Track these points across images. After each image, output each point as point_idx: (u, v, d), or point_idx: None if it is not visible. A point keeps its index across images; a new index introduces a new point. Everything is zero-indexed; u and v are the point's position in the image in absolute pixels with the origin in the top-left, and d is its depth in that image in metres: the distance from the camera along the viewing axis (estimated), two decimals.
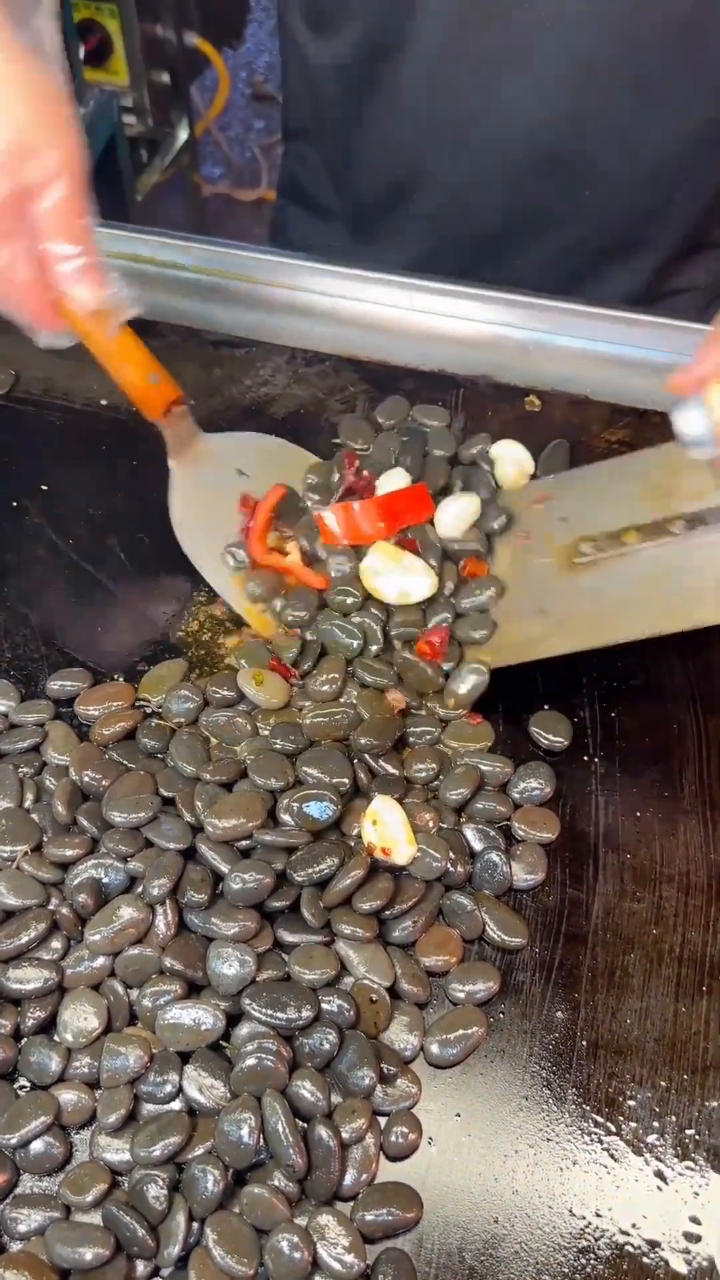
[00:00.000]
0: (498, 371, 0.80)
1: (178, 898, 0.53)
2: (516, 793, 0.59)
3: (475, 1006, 0.53)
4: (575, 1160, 0.49)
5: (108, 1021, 0.51)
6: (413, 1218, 0.47)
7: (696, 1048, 0.52)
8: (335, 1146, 0.47)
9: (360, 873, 0.53)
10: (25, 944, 0.52)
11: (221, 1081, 0.49)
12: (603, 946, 0.55)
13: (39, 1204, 0.47)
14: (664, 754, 0.61)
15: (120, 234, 0.86)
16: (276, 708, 0.60)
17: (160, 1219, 0.46)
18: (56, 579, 0.68)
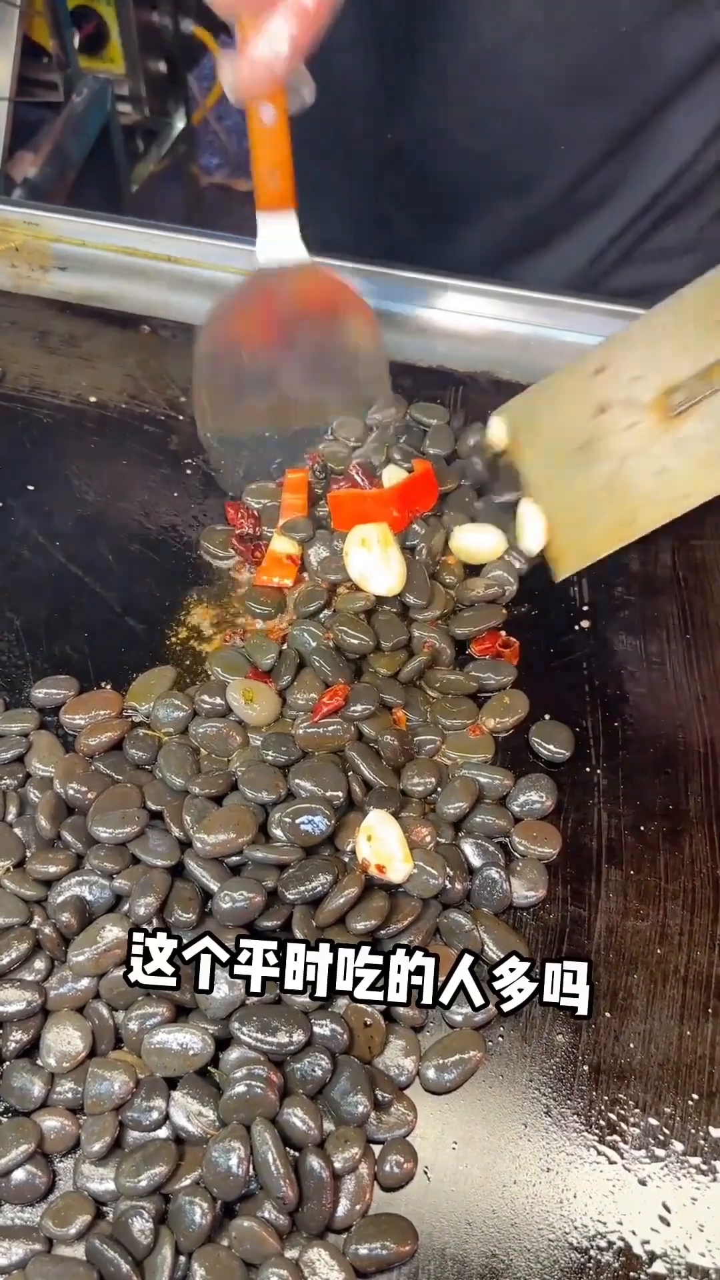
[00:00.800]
0: (497, 368, 0.78)
1: (165, 916, 0.51)
2: (517, 806, 0.57)
3: (473, 1030, 0.51)
4: (576, 1191, 0.47)
5: (92, 1045, 0.49)
6: (408, 1251, 0.45)
7: (702, 1072, 0.50)
8: (327, 1177, 0.45)
9: (354, 891, 0.51)
10: (7, 964, 0.50)
11: (210, 1109, 0.47)
12: (605, 966, 0.53)
13: (20, 1236, 0.45)
14: (668, 766, 0.60)
15: (112, 226, 0.84)
16: (266, 722, 0.58)
17: (146, 1253, 0.44)
18: (43, 583, 0.66)
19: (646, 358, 0.65)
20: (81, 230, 0.84)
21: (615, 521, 0.63)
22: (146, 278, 0.83)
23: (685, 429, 0.63)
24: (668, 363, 0.65)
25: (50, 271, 0.83)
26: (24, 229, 0.85)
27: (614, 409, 0.65)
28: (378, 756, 0.57)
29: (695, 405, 0.63)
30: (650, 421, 0.64)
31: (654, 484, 0.63)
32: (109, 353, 0.77)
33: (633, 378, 0.65)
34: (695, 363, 0.63)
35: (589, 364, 0.67)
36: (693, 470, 0.62)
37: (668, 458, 0.63)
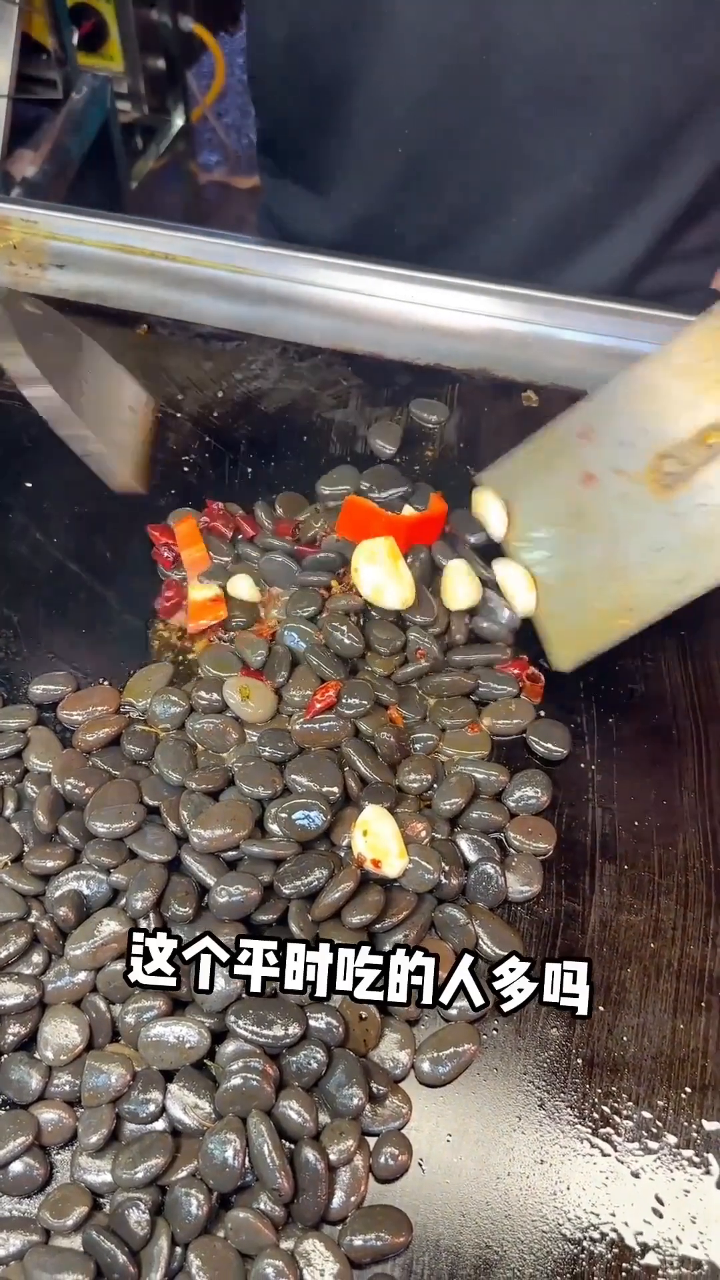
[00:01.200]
0: (495, 365, 0.78)
1: (162, 911, 0.51)
2: (512, 801, 0.57)
3: (468, 1024, 0.51)
4: (570, 1183, 0.48)
5: (89, 1038, 0.49)
6: (402, 1242, 0.46)
7: (695, 1065, 0.51)
8: (323, 1169, 0.46)
9: (350, 885, 0.51)
10: (4, 958, 0.51)
11: (206, 1101, 0.47)
12: (599, 961, 0.53)
13: (17, 1227, 0.46)
14: (663, 762, 0.60)
15: (110, 224, 0.84)
16: (263, 720, 0.59)
17: (142, 1244, 0.45)
18: (40, 580, 0.66)
19: (633, 421, 0.60)
20: (79, 228, 0.85)
21: (615, 607, 0.58)
22: (145, 276, 0.83)
23: (681, 500, 0.58)
24: (657, 426, 0.59)
25: (48, 269, 0.83)
26: (22, 227, 0.85)
27: (603, 477, 0.61)
28: (374, 752, 0.57)
29: (690, 475, 0.58)
30: (643, 492, 0.59)
31: (651, 563, 0.58)
32: (108, 350, 0.77)
33: (620, 443, 0.61)
34: (688, 425, 0.58)
35: (573, 426, 0.63)
36: (692, 548, 0.57)
37: (665, 532, 0.58)
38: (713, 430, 0.58)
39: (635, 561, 0.59)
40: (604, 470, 0.61)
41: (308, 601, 0.62)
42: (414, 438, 0.74)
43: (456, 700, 0.61)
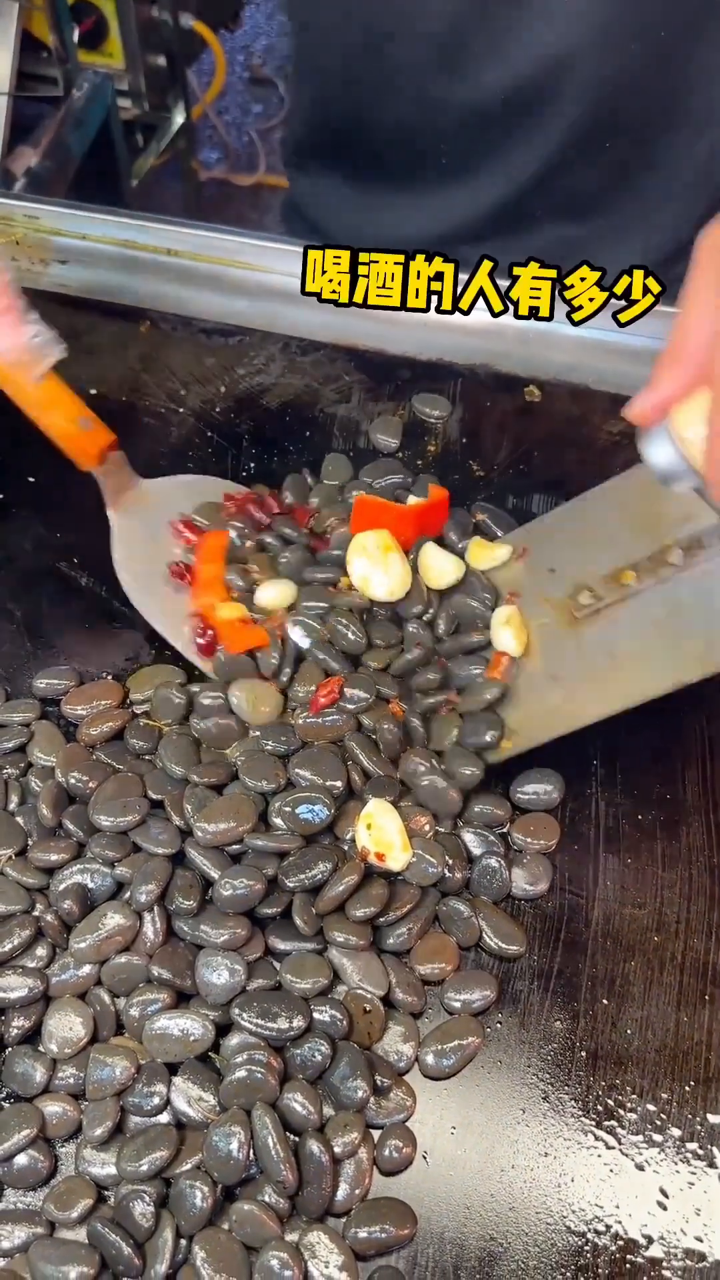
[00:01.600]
0: (497, 360, 0.78)
1: (166, 904, 0.51)
2: (524, 796, 0.57)
3: (471, 1016, 0.51)
4: (574, 1175, 0.48)
5: (94, 1031, 0.49)
6: (407, 1234, 0.46)
7: (699, 1058, 0.51)
8: (327, 1161, 0.46)
9: (354, 878, 0.51)
10: (9, 951, 0.51)
11: (210, 1094, 0.47)
12: (603, 954, 0.53)
13: (22, 1220, 0.46)
14: (665, 756, 0.60)
15: (113, 220, 0.84)
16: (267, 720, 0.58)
17: (147, 1236, 0.45)
18: (44, 574, 0.66)
19: (565, 550, 0.61)
20: (82, 224, 0.85)
21: (546, 708, 0.58)
22: (147, 271, 0.83)
23: (588, 635, 0.58)
24: (583, 558, 0.59)
25: (51, 265, 0.83)
26: (24, 222, 0.85)
27: (527, 596, 0.61)
28: (376, 746, 0.57)
29: (600, 611, 0.58)
30: (554, 622, 0.59)
31: (544, 693, 0.58)
32: (110, 346, 0.77)
33: (549, 569, 0.61)
34: (609, 561, 0.58)
35: (514, 545, 0.64)
36: (582, 687, 0.57)
37: (565, 664, 0.58)
38: (629, 570, 0.57)
39: (529, 689, 0.59)
40: (530, 591, 0.61)
41: (316, 598, 0.62)
42: (416, 433, 0.74)
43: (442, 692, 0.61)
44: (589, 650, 0.58)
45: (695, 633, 0.55)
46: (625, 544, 0.58)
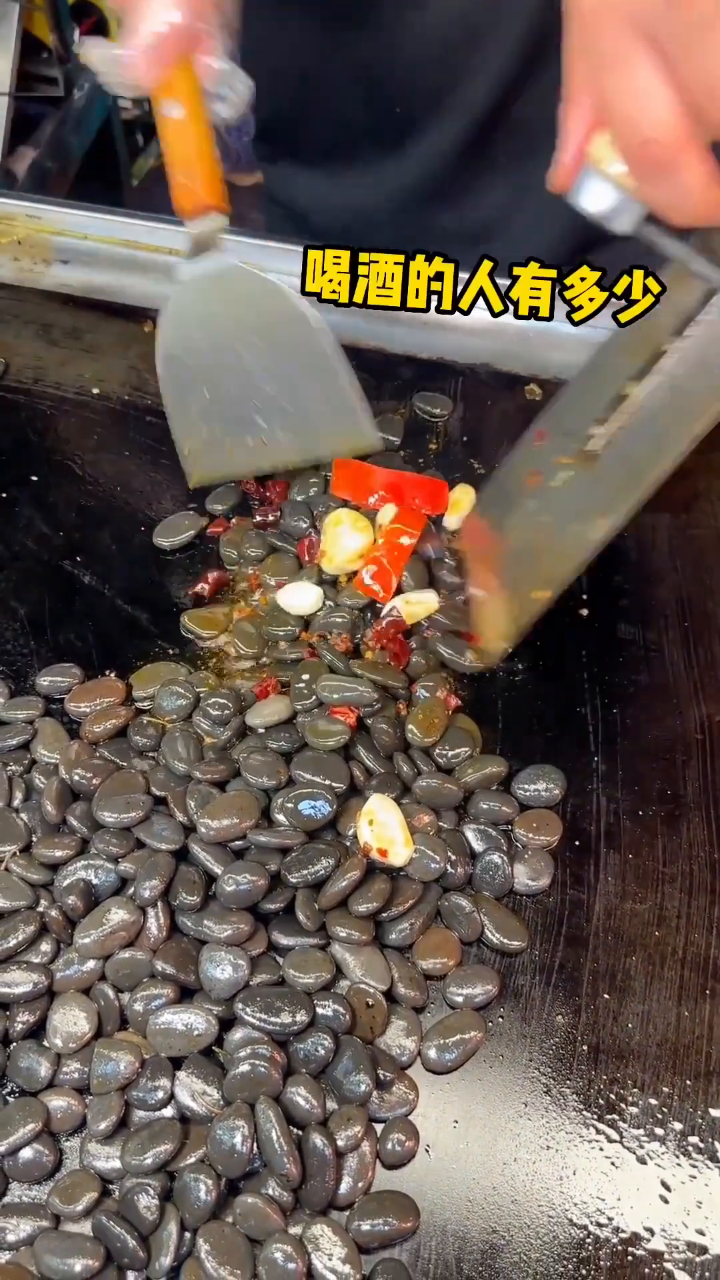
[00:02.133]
0: (498, 359, 0.78)
1: (169, 900, 0.52)
2: (525, 793, 0.58)
3: (474, 1011, 0.52)
4: (576, 1168, 0.48)
5: (98, 1026, 0.50)
6: (409, 1227, 0.46)
7: (700, 1052, 0.51)
8: (330, 1154, 0.46)
9: (356, 874, 0.51)
10: (13, 947, 0.51)
11: (214, 1088, 0.48)
12: (604, 949, 0.54)
13: (28, 1213, 0.46)
14: (666, 751, 0.60)
15: (114, 220, 0.85)
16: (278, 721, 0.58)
17: (151, 1229, 0.45)
18: (47, 572, 0.67)
19: (576, 407, 0.62)
20: (83, 223, 0.85)
21: (536, 584, 0.60)
22: (148, 270, 0.83)
23: (604, 460, 0.59)
24: (594, 403, 0.60)
25: (53, 265, 0.83)
26: (26, 222, 0.85)
27: (545, 472, 0.62)
28: (376, 745, 0.57)
29: (614, 435, 0.59)
30: (576, 471, 0.60)
31: (571, 528, 0.60)
32: (111, 345, 0.77)
33: (565, 433, 0.62)
34: (613, 390, 0.59)
35: (530, 435, 0.65)
36: (610, 491, 0.58)
37: (590, 498, 0.59)
38: (630, 382, 0.58)
39: (559, 534, 0.60)
40: (545, 465, 0.62)
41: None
42: (418, 431, 0.74)
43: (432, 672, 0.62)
44: (616, 462, 0.58)
45: (707, 388, 0.56)
46: (626, 370, 0.58)
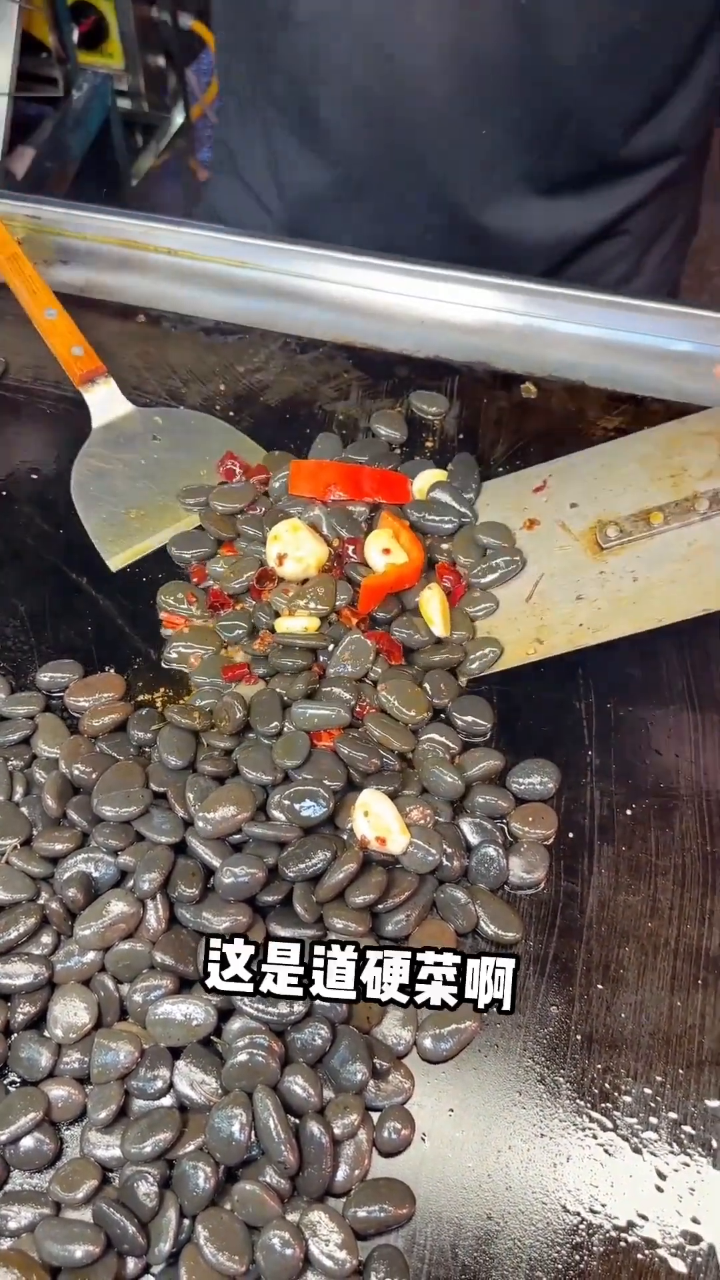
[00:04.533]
0: (494, 358, 0.79)
1: (168, 892, 0.52)
2: (518, 787, 0.58)
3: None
4: (570, 1156, 0.49)
5: (98, 1017, 0.50)
6: (405, 1214, 0.47)
7: (692, 1042, 0.52)
8: (327, 1142, 0.47)
9: (353, 867, 0.52)
10: (14, 939, 0.51)
11: (213, 1077, 0.48)
12: (597, 940, 0.54)
13: (29, 1201, 0.47)
14: (659, 745, 0.61)
15: (113, 219, 0.85)
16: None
17: (151, 1216, 0.46)
18: (47, 569, 0.67)
19: (588, 488, 0.68)
20: (83, 223, 0.85)
21: (528, 636, 0.63)
22: (148, 270, 0.83)
23: (611, 564, 0.65)
24: (607, 498, 0.67)
25: (52, 264, 0.84)
26: (25, 222, 0.86)
27: (545, 525, 0.67)
28: (369, 744, 0.58)
29: (626, 543, 0.65)
30: (579, 549, 0.66)
31: (571, 609, 0.64)
32: (111, 344, 0.78)
33: (571, 503, 0.68)
34: (634, 504, 0.66)
35: (530, 480, 0.70)
36: (610, 606, 0.64)
37: (589, 587, 0.64)
38: (658, 512, 0.65)
39: (556, 602, 0.65)
40: (548, 520, 0.68)
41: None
42: (414, 429, 0.74)
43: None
44: (614, 576, 0.65)
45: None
46: (649, 490, 0.66)
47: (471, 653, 0.63)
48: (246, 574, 0.64)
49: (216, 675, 0.61)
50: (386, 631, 0.62)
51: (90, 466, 0.71)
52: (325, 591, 0.62)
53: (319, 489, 0.67)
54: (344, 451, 0.71)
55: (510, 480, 0.70)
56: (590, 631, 0.63)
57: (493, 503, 0.69)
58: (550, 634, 0.63)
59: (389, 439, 0.73)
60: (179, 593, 0.65)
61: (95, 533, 0.68)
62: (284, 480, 0.69)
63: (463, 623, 0.64)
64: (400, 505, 0.68)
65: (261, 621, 0.63)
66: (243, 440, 0.73)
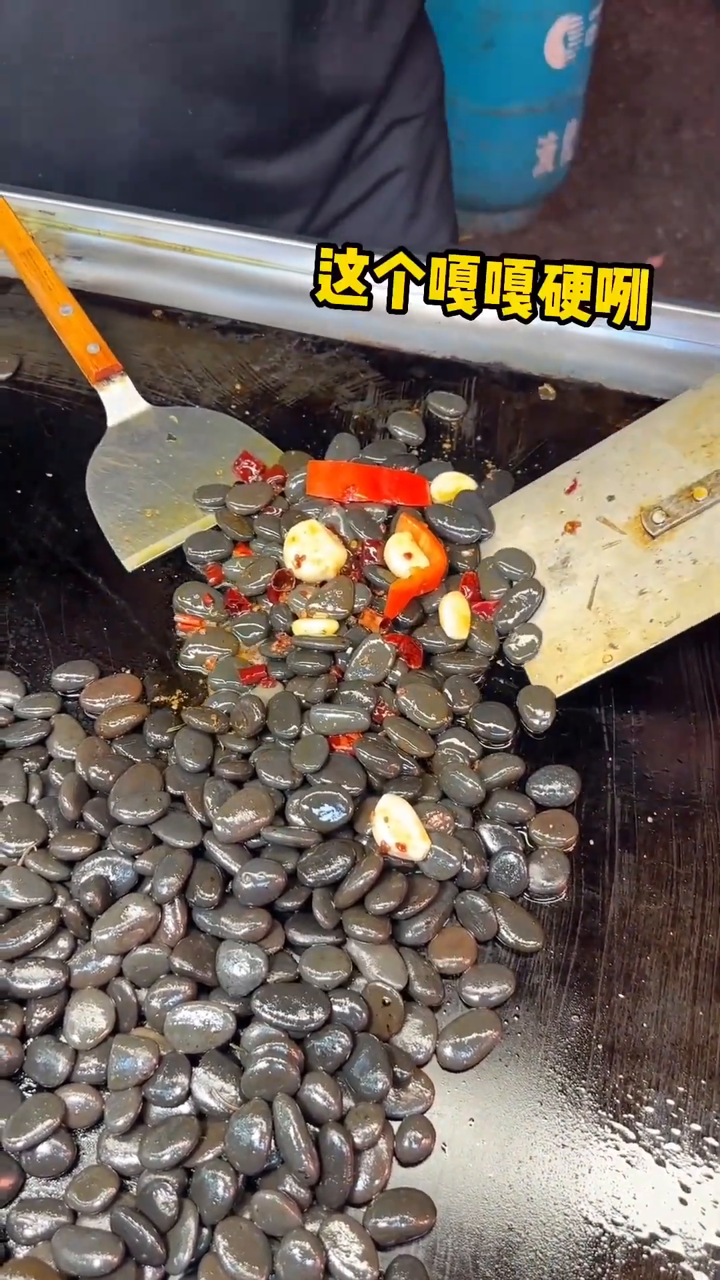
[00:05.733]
0: (511, 359, 0.78)
1: (187, 897, 0.52)
2: (539, 793, 0.58)
3: (489, 1009, 0.52)
4: (591, 1167, 0.48)
5: (115, 1022, 0.50)
6: (426, 1225, 0.46)
7: (715, 1052, 0.51)
8: (347, 1152, 0.46)
9: (373, 873, 0.52)
10: (31, 943, 0.51)
11: (232, 1085, 0.48)
12: (619, 949, 0.54)
13: (46, 1208, 0.46)
14: (680, 752, 0.60)
15: (128, 216, 0.85)
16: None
17: (170, 1225, 0.45)
18: (62, 569, 0.67)
19: (620, 478, 0.65)
20: (96, 220, 0.85)
21: (599, 643, 0.61)
22: (162, 267, 0.83)
23: (666, 550, 0.62)
24: (644, 484, 0.64)
25: (65, 260, 0.83)
26: (39, 218, 0.85)
27: (587, 525, 0.65)
28: (389, 748, 0.57)
29: (675, 526, 0.62)
30: (628, 541, 0.63)
31: (635, 605, 0.61)
32: (125, 341, 0.77)
33: (608, 496, 0.65)
34: (672, 483, 0.63)
35: (560, 481, 0.67)
36: (676, 593, 0.61)
37: (649, 579, 0.62)
38: (700, 486, 0.62)
39: (620, 603, 0.62)
40: (589, 520, 0.65)
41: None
42: (432, 430, 0.74)
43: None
44: (672, 562, 0.61)
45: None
46: (685, 466, 0.63)
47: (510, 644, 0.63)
48: (264, 575, 0.64)
49: (234, 677, 0.61)
50: (407, 635, 0.62)
51: (105, 465, 0.70)
52: (343, 594, 0.62)
53: (337, 490, 0.67)
54: (361, 452, 0.71)
55: (540, 486, 0.68)
56: (663, 625, 0.60)
57: (528, 514, 0.67)
58: (622, 636, 0.61)
59: (407, 440, 0.72)
60: (196, 594, 0.64)
61: (111, 532, 0.68)
62: (301, 481, 0.68)
63: (487, 633, 0.63)
64: (419, 508, 0.67)
65: (279, 623, 0.62)
66: (259, 440, 0.72)
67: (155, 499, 0.69)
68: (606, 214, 2.25)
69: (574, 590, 0.64)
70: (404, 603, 0.62)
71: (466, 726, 0.60)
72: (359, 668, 0.60)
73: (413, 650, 0.61)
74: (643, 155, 2.32)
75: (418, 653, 0.61)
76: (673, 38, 2.50)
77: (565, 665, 0.62)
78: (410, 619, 0.62)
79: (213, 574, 0.66)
